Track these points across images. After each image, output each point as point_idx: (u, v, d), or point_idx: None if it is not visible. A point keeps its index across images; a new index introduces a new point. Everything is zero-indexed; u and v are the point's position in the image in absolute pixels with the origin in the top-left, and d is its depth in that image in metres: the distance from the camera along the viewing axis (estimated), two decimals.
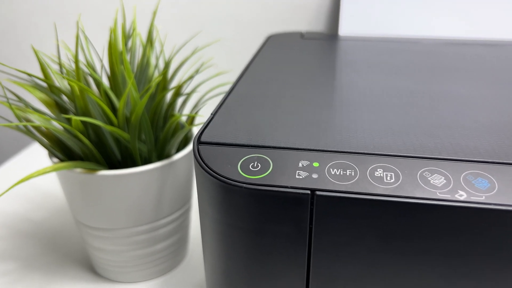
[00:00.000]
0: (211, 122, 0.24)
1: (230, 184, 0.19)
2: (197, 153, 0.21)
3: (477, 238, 0.18)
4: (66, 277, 0.40)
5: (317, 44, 0.43)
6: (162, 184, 0.35)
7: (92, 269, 0.41)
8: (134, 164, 0.35)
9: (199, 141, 0.22)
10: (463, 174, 0.19)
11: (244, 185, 0.19)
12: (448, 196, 0.18)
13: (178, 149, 0.37)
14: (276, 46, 0.42)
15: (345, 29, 0.47)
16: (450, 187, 0.18)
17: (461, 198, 0.18)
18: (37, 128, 0.34)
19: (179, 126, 0.38)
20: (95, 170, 0.32)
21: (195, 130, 0.40)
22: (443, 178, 0.19)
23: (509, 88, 0.29)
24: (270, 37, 0.46)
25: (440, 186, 0.18)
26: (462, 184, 0.19)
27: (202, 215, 0.22)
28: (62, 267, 0.41)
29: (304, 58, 0.38)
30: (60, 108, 0.35)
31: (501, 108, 0.25)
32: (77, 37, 0.31)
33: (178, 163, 0.35)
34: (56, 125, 0.33)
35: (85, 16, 0.58)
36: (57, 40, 0.32)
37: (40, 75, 0.57)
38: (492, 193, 0.18)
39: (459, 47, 0.40)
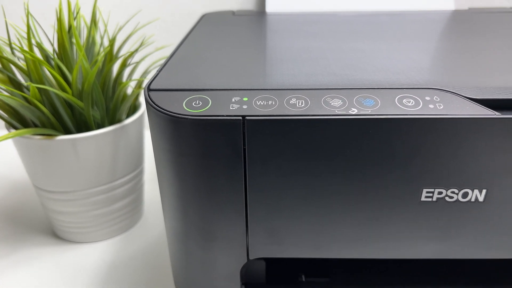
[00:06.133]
0: (158, 75, 0.28)
1: (178, 117, 0.24)
2: (148, 98, 0.26)
3: (366, 143, 0.24)
4: (29, 244, 0.43)
5: (247, 19, 0.48)
6: (115, 147, 0.39)
7: (54, 234, 0.44)
8: (88, 131, 0.39)
9: (149, 89, 0.26)
10: (355, 97, 0.25)
11: (190, 117, 0.24)
12: (344, 112, 0.24)
13: (128, 117, 0.41)
14: (210, 22, 0.47)
15: (271, 6, 0.53)
16: (345, 106, 0.24)
17: (353, 113, 0.24)
18: None
19: (126, 95, 0.42)
20: (53, 135, 0.36)
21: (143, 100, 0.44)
22: (341, 101, 0.25)
23: (399, 42, 0.36)
24: (204, 16, 0.51)
25: (338, 106, 0.24)
26: (354, 103, 0.25)
27: (156, 151, 0.27)
28: (25, 236, 0.44)
29: (235, 30, 0.43)
30: (14, 84, 0.38)
31: (391, 56, 0.32)
32: (27, 15, 0.34)
33: (129, 127, 0.39)
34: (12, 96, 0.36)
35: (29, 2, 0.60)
36: (5, 17, 0.35)
37: None
38: (376, 108, 0.24)
39: (367, 17, 0.47)
